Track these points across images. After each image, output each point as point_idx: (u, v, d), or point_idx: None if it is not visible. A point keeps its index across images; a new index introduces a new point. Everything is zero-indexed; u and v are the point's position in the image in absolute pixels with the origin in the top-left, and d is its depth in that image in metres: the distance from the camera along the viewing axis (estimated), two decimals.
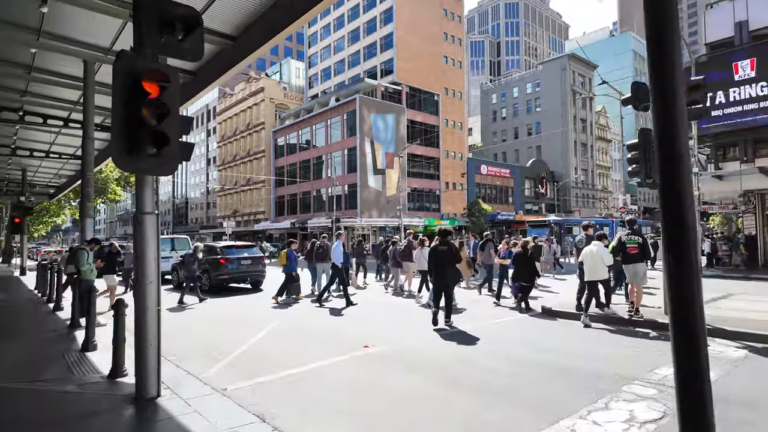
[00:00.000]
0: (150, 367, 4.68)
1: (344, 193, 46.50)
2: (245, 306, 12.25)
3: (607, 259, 8.73)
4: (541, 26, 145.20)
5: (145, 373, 4.67)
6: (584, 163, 67.72)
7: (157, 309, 4.77)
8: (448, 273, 8.64)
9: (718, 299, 11.00)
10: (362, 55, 55.31)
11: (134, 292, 4.99)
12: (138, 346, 4.68)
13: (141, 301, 4.70)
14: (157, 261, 4.83)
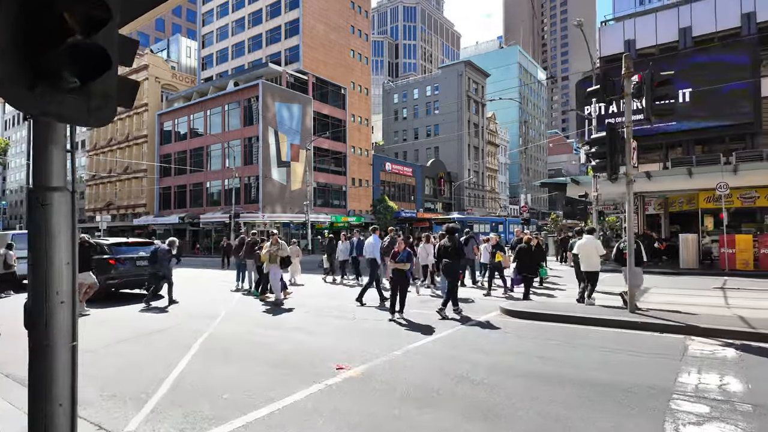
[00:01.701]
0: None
1: (244, 185, 43.08)
2: (159, 316, 9.88)
3: (600, 249, 9.84)
4: (436, 33, 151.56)
5: None
6: (476, 165, 71.76)
7: (71, 345, 2.93)
8: (453, 265, 9.41)
9: (644, 293, 11.49)
10: (265, 39, 51.85)
11: (27, 318, 3.04)
12: (34, 408, 2.80)
13: (42, 333, 2.83)
14: (72, 267, 2.98)
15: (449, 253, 9.33)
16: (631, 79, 8.15)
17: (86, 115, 2.71)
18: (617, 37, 26.58)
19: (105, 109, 2.71)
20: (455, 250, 9.32)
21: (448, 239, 9.48)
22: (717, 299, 10.84)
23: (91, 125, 2.81)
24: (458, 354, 6.43)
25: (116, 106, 2.88)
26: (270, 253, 11.22)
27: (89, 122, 2.74)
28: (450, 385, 5.15)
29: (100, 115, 2.72)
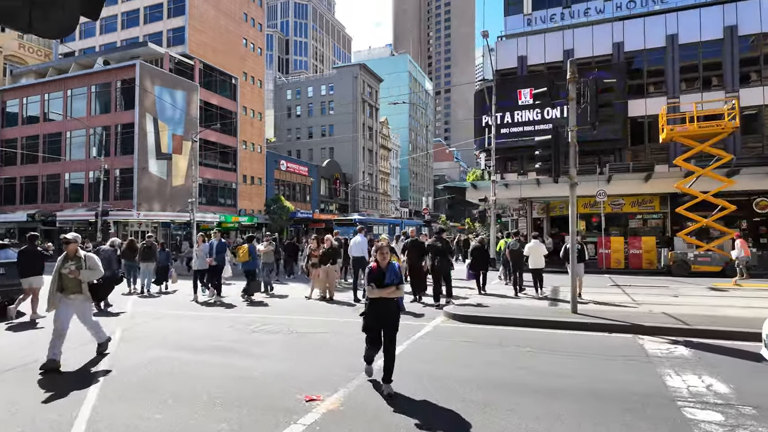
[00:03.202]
0: None
1: (115, 179, 37.60)
2: (21, 336, 7.53)
3: (543, 251, 12.16)
4: (327, 33, 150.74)
5: None
6: (370, 167, 72.55)
7: None
8: (444, 262, 10.59)
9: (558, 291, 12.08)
10: (142, 16, 46.09)
11: None
12: None
13: None
14: None
15: (439, 252, 10.63)
16: (575, 85, 8.33)
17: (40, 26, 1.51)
18: (511, 52, 28.53)
19: (68, 17, 1.54)
20: (445, 249, 10.74)
21: (437, 239, 10.92)
22: (623, 297, 11.78)
23: (49, 35, 1.57)
24: (435, 369, 5.76)
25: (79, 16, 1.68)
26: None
27: (47, 32, 1.54)
28: (457, 408, 4.43)
29: (58, 27, 1.55)
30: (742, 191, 20.57)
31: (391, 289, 4.94)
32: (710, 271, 17.69)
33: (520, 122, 26.74)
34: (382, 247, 5.10)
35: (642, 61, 25.79)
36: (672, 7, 26.57)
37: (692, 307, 9.55)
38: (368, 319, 5.13)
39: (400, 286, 5.02)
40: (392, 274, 4.98)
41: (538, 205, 28.62)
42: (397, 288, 4.99)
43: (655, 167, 23.44)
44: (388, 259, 5.07)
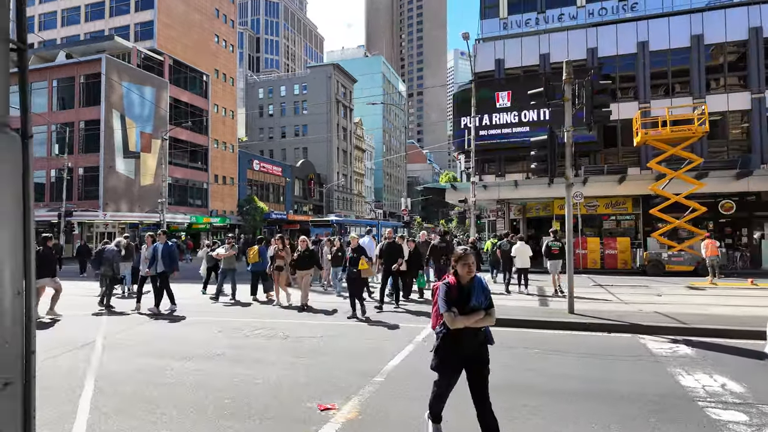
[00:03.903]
0: None
1: (79, 178, 35.89)
2: None
3: (529, 252, 13.11)
4: (299, 33, 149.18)
5: None
6: (345, 168, 72.10)
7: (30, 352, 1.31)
8: (446, 262, 10.92)
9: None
10: (108, 9, 44.26)
11: None
12: None
13: None
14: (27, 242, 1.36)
15: (444, 252, 11.15)
16: (571, 86, 8.37)
17: None
18: (490, 55, 28.83)
19: None
20: (450, 250, 11.05)
21: (442, 240, 11.50)
22: (608, 296, 11.97)
23: None
24: None
25: None
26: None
27: None
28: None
29: None
30: (709, 194, 21.42)
31: (479, 316, 3.40)
32: (683, 270, 18.29)
33: (497, 124, 27.03)
34: (465, 256, 3.49)
35: (614, 67, 26.52)
36: (642, 15, 27.47)
37: (681, 306, 9.76)
38: (445, 358, 3.60)
39: (490, 310, 3.48)
40: (480, 294, 3.47)
41: (515, 207, 29.00)
42: (487, 313, 3.46)
43: (628, 170, 24.16)
44: (473, 272, 3.53)
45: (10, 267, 1.30)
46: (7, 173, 1.28)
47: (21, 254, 1.33)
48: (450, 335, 3.55)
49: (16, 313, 1.32)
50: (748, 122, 24.38)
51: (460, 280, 3.51)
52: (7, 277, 1.29)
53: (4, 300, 1.28)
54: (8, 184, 1.29)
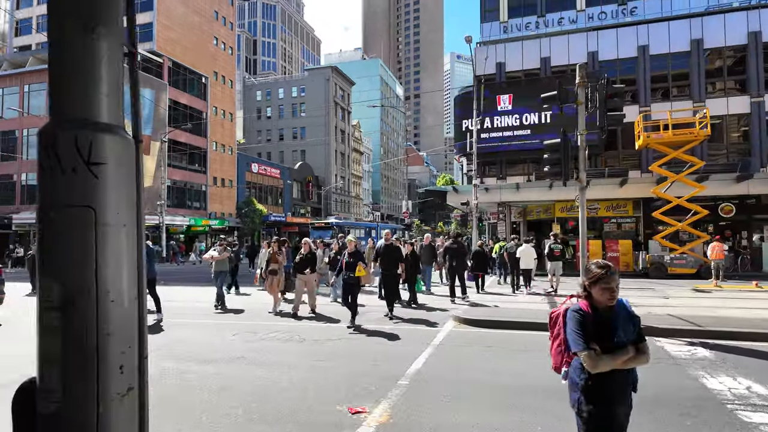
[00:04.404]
0: None
1: None
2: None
3: (533, 254, 13.82)
4: (296, 35, 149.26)
5: None
6: (343, 171, 72.07)
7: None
8: (461, 263, 11.89)
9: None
10: None
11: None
12: None
13: None
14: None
15: (457, 254, 11.83)
16: (584, 89, 8.41)
17: None
18: (490, 59, 28.93)
19: None
20: (462, 252, 12.01)
21: (454, 242, 12.13)
22: None
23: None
24: (473, 377, 5.60)
25: None
26: None
27: None
28: (520, 417, 4.28)
29: None
30: (709, 196, 21.54)
31: (627, 354, 2.45)
32: (686, 273, 18.39)
33: (499, 127, 27.13)
34: (607, 276, 2.47)
35: (615, 71, 26.67)
36: (641, 20, 27.68)
37: (690, 309, 9.81)
38: (596, 411, 2.53)
39: (642, 345, 2.56)
40: (627, 324, 2.53)
41: (516, 210, 29.08)
42: (639, 350, 2.54)
43: (629, 173, 24.28)
44: (616, 295, 2.50)
45: (128, 272, 1.29)
46: (124, 177, 1.27)
47: (136, 259, 1.32)
48: (593, 381, 2.49)
49: (135, 318, 1.31)
50: (747, 126, 24.59)
51: (597, 306, 2.51)
52: (126, 283, 1.28)
53: (124, 305, 1.28)
54: (126, 189, 1.28)
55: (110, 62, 1.29)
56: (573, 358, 2.60)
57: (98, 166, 1.22)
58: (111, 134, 1.26)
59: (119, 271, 1.26)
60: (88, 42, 1.24)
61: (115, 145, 1.27)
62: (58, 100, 1.25)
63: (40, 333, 1.22)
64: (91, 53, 1.25)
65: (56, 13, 1.26)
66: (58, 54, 1.25)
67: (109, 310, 1.24)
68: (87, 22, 1.24)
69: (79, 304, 1.19)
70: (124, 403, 1.27)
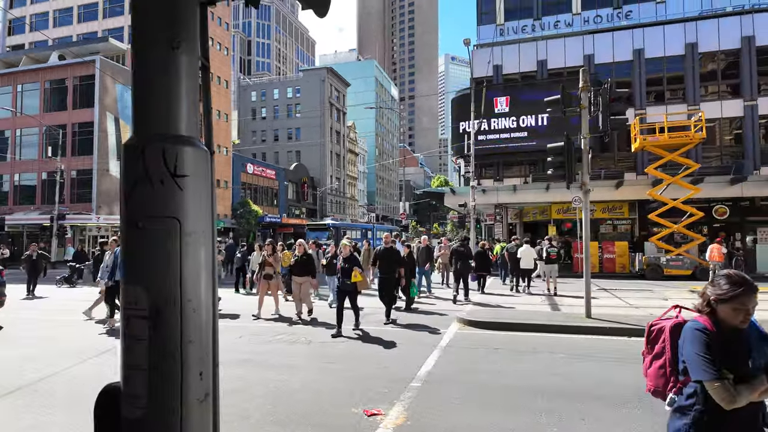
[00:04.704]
0: None
1: (71, 180, 35.39)
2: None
3: (533, 255, 14.23)
4: (290, 36, 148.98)
5: None
6: (338, 171, 72.05)
7: None
8: (466, 265, 12.34)
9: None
10: (102, 10, 43.83)
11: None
12: None
13: None
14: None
15: (463, 256, 12.27)
16: (587, 93, 8.52)
17: None
18: (487, 60, 29.11)
19: None
20: (468, 254, 12.55)
21: (461, 245, 12.52)
22: (616, 300, 12.15)
23: None
24: (482, 378, 5.66)
25: None
26: None
27: None
28: (530, 419, 4.34)
29: None
30: (703, 199, 21.82)
31: (765, 384, 1.93)
32: (682, 274, 18.61)
33: (496, 129, 27.29)
34: (742, 295, 2.01)
35: (611, 74, 26.92)
36: (637, 23, 27.97)
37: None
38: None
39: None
40: (761, 347, 2.05)
41: (512, 211, 29.25)
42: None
43: (624, 175, 24.53)
44: (750, 317, 2.05)
45: (206, 281, 1.33)
46: (202, 188, 1.31)
47: (211, 268, 1.36)
48: (714, 419, 2.00)
49: (210, 326, 1.35)
50: (740, 129, 24.93)
51: (721, 325, 2.07)
52: (203, 291, 1.32)
53: (203, 313, 1.31)
54: (204, 199, 1.32)
55: (189, 76, 1.33)
56: (685, 383, 2.11)
57: (182, 178, 1.26)
58: (192, 147, 1.30)
59: (198, 279, 1.30)
60: (171, 57, 1.28)
61: (195, 157, 1.30)
62: (144, 114, 1.29)
63: (125, 340, 1.25)
64: (174, 68, 1.29)
65: (141, 28, 1.29)
66: (143, 69, 1.29)
67: (191, 318, 1.27)
68: (171, 38, 1.28)
69: (166, 313, 1.23)
70: (202, 409, 1.30)
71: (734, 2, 26.34)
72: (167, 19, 1.30)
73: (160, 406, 1.23)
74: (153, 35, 1.29)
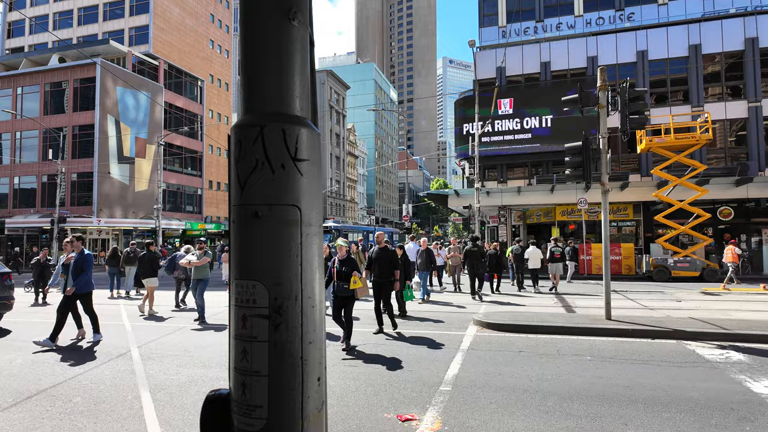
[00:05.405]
0: None
1: (72, 183, 35.16)
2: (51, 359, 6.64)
3: (540, 256, 15.22)
4: None
5: None
6: (338, 174, 71.94)
7: None
8: (480, 265, 12.91)
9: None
10: (102, 12, 43.69)
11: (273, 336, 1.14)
12: None
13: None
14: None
15: (476, 256, 12.87)
16: (605, 92, 8.42)
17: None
18: (490, 62, 29.09)
19: None
20: (481, 254, 13.18)
21: (473, 245, 13.09)
22: (628, 302, 12.05)
23: None
24: (514, 382, 5.53)
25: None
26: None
27: None
28: (572, 424, 4.21)
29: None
30: (708, 200, 21.77)
31: None
32: (689, 276, 18.52)
33: (499, 131, 27.23)
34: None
35: (614, 75, 26.92)
36: (639, 25, 27.99)
37: (708, 312, 9.85)
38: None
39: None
40: None
41: (515, 213, 29.18)
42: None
43: (629, 176, 24.47)
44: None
45: (319, 275, 1.20)
46: (316, 174, 1.19)
47: (322, 261, 1.23)
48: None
49: (324, 325, 1.23)
50: (745, 130, 24.93)
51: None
52: (318, 286, 1.20)
53: (318, 310, 1.19)
54: (317, 186, 1.20)
55: (302, 51, 1.21)
56: None
57: (302, 163, 1.14)
58: (307, 128, 1.18)
59: (315, 273, 1.18)
60: (286, 30, 1.16)
61: (311, 140, 1.18)
62: (258, 91, 1.17)
63: (240, 342, 1.12)
64: (287, 42, 1.17)
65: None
66: (257, 41, 1.16)
67: (310, 317, 1.15)
68: (288, 7, 1.16)
69: (288, 311, 1.11)
70: (319, 420, 1.18)
71: (737, 4, 26.35)
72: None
73: (283, 418, 1.10)
74: (268, 4, 1.16)
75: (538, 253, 15.33)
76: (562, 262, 15.63)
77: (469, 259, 12.96)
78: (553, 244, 15.66)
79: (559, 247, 15.63)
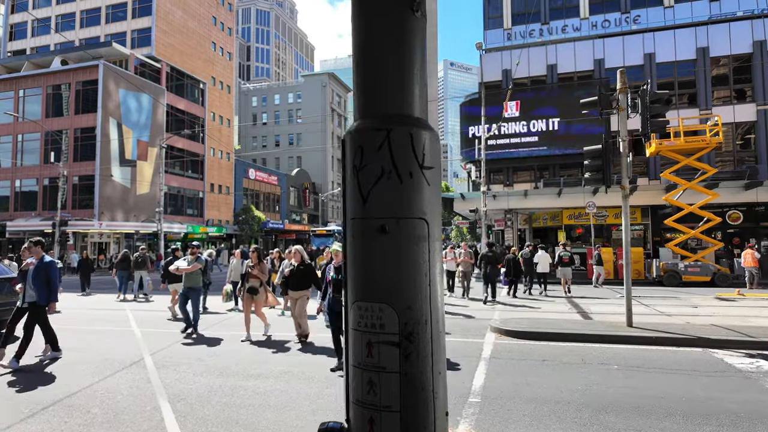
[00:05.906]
0: None
1: (73, 186, 35.02)
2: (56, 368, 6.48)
3: (549, 260, 15.59)
4: (290, 41, 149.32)
5: None
6: (340, 177, 71.82)
7: None
8: (494, 270, 13.13)
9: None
10: (105, 15, 43.65)
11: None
12: None
13: None
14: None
15: (491, 260, 13.10)
16: (626, 95, 8.30)
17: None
18: (496, 65, 29.01)
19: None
20: (496, 259, 13.44)
21: (489, 250, 13.52)
22: (644, 308, 11.89)
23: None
24: (542, 392, 5.38)
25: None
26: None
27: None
28: None
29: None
30: (716, 204, 21.64)
31: None
32: (700, 281, 18.36)
33: (506, 134, 27.13)
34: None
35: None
36: (645, 28, 27.92)
37: (729, 318, 9.70)
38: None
39: None
40: None
41: (521, 217, 29.04)
42: None
43: (637, 180, 24.37)
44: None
45: (441, 295, 1.07)
46: (438, 184, 1.05)
47: (443, 279, 1.10)
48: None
49: (446, 351, 1.08)
50: (751, 133, 24.83)
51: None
52: (441, 308, 1.06)
53: (442, 335, 1.05)
54: (439, 197, 1.06)
55: (422, 47, 1.07)
56: None
57: (429, 171, 1.01)
58: (431, 132, 1.05)
59: (440, 295, 1.04)
60: (409, 22, 1.03)
61: (435, 145, 1.05)
62: (378, 91, 1.04)
63: (364, 373, 0.99)
64: (411, 35, 1.04)
65: None
66: (375, 36, 1.03)
67: (438, 344, 1.01)
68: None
69: (418, 337, 0.98)
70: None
71: (743, 6, 26.26)
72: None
73: None
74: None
75: (547, 258, 15.74)
76: (571, 266, 15.91)
77: (484, 263, 13.25)
78: (562, 249, 16.09)
79: (567, 251, 15.97)
